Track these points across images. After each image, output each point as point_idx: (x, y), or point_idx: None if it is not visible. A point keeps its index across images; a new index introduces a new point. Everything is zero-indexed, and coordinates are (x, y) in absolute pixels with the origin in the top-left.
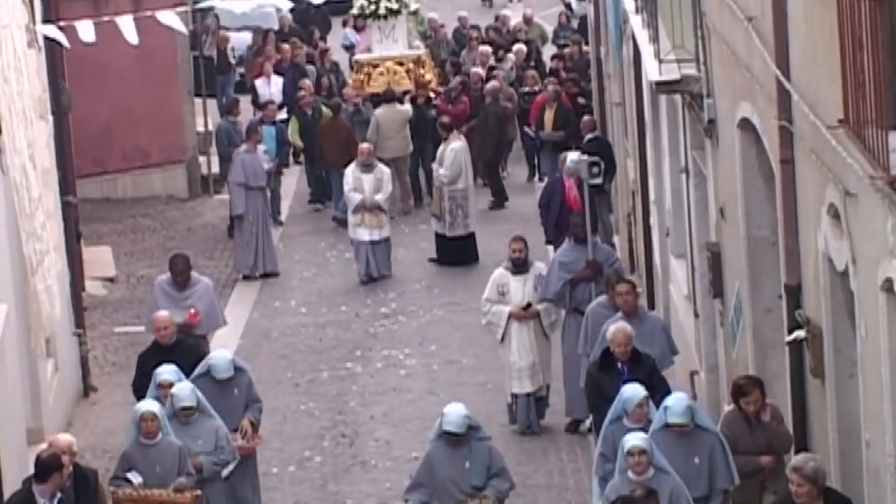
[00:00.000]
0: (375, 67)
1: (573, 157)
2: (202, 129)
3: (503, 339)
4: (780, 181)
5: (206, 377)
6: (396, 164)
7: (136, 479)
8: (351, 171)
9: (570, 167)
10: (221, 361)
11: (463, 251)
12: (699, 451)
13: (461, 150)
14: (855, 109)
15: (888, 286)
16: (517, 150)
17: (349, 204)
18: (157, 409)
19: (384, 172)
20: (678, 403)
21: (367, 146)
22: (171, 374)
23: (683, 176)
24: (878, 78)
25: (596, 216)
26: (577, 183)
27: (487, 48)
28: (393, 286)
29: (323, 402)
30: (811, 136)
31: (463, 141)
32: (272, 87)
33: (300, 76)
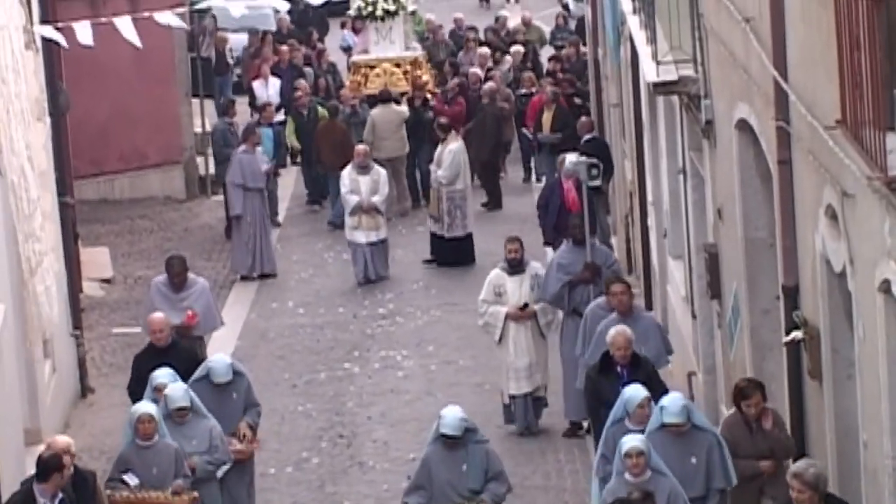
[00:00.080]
0: (372, 69)
1: (572, 158)
2: (199, 130)
3: (500, 339)
4: (777, 182)
5: (204, 381)
6: (393, 164)
7: (132, 481)
8: (347, 173)
9: (568, 169)
10: (220, 365)
11: (460, 252)
12: (696, 450)
13: (459, 150)
14: (852, 110)
15: (886, 287)
16: (515, 150)
17: (346, 206)
18: (154, 410)
19: (381, 174)
20: (674, 403)
21: (363, 148)
22: (166, 377)
23: (681, 177)
24: (875, 78)
25: (594, 218)
26: (575, 184)
27: (486, 49)
28: (390, 287)
29: (320, 403)
30: (809, 136)
31: (460, 142)
32: (269, 89)
33: (298, 78)
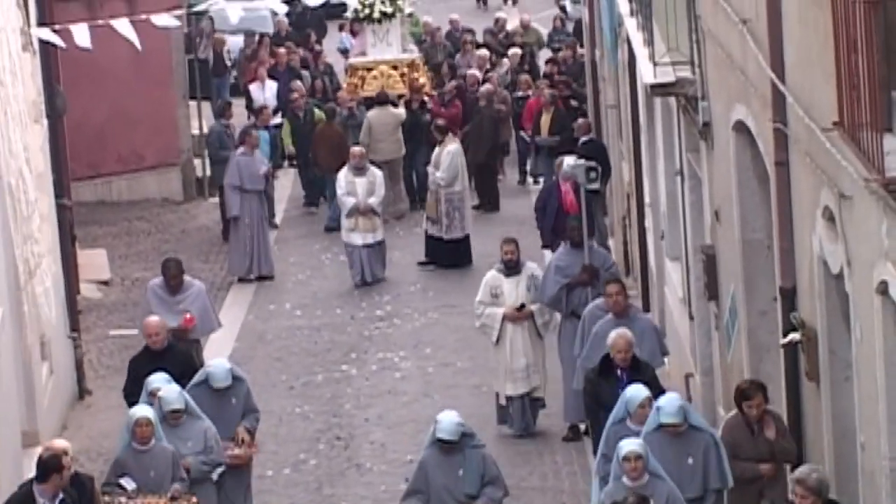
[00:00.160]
0: (369, 71)
1: (570, 161)
2: (197, 132)
3: (498, 340)
4: (774, 184)
5: (203, 385)
6: (389, 166)
7: (129, 485)
8: (343, 174)
9: (567, 171)
10: (220, 370)
11: (458, 253)
12: (693, 451)
13: (457, 152)
14: (849, 112)
15: (883, 289)
16: (513, 153)
17: (343, 208)
18: (151, 414)
19: (377, 175)
20: (670, 403)
21: (359, 150)
22: (162, 381)
23: (678, 178)
24: (872, 80)
25: (592, 220)
26: (573, 187)
27: (485, 51)
28: (388, 289)
29: (318, 404)
30: (806, 138)
31: (458, 143)
32: (266, 91)
33: (294, 80)
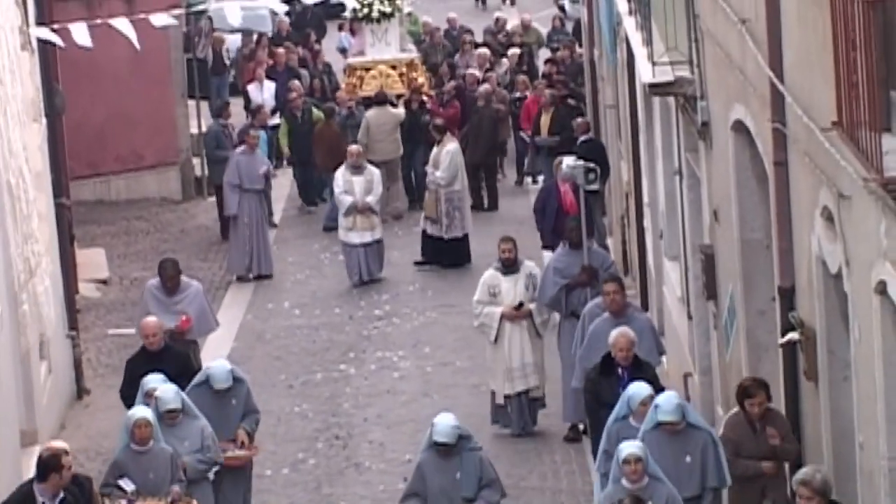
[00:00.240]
0: (368, 71)
1: (569, 162)
2: (196, 131)
3: (496, 339)
4: (773, 183)
5: (204, 386)
6: (387, 166)
7: (128, 486)
8: (341, 173)
9: (566, 173)
10: (220, 372)
11: (458, 252)
12: (691, 449)
13: (456, 151)
14: (848, 111)
15: (882, 288)
16: (511, 152)
17: (340, 207)
18: (150, 415)
19: (374, 174)
20: (668, 402)
21: (356, 148)
22: (158, 382)
23: (677, 178)
24: (871, 80)
25: (592, 220)
26: (572, 187)
27: (485, 50)
28: (386, 288)
29: (316, 404)
30: (805, 138)
31: (456, 143)
32: (265, 92)
33: (293, 80)
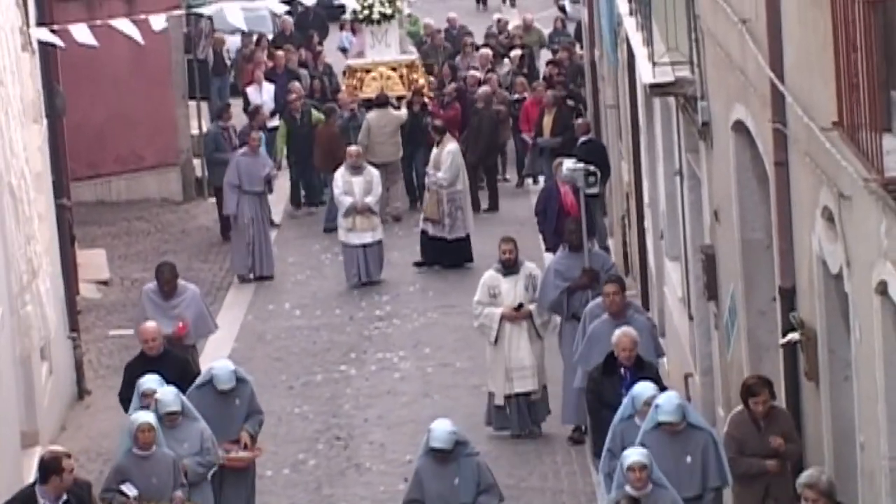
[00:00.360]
0: (368, 72)
1: (569, 164)
2: (196, 132)
3: (496, 340)
4: (774, 183)
5: (207, 387)
6: (387, 169)
7: (131, 491)
8: (340, 174)
9: (565, 175)
10: (223, 372)
11: (460, 252)
12: (691, 449)
13: (457, 151)
14: (849, 112)
15: (882, 289)
16: (512, 154)
17: (340, 207)
18: (153, 419)
19: (374, 175)
20: (669, 402)
21: (355, 149)
22: (154, 382)
23: (678, 178)
24: (871, 80)
25: (593, 223)
26: (572, 189)
27: (488, 51)
28: (387, 289)
29: (317, 404)
30: (805, 138)
31: (456, 143)
32: (264, 94)
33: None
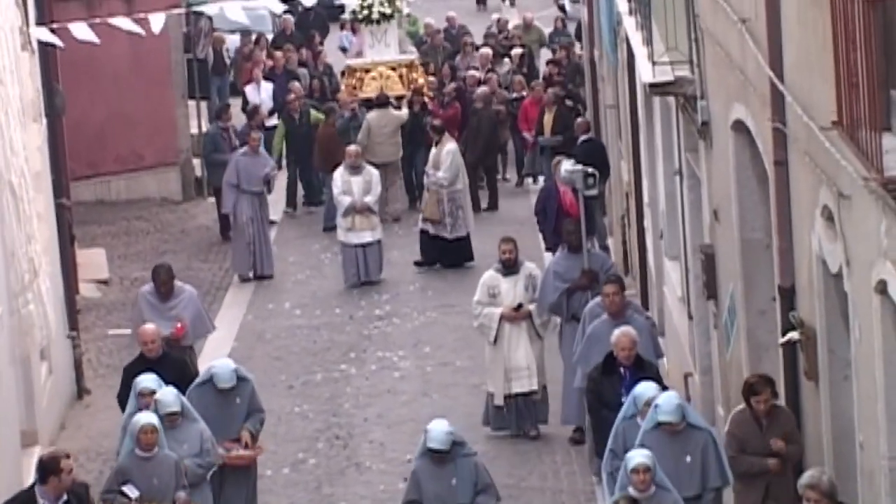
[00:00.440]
0: (368, 72)
1: (567, 166)
2: (196, 131)
3: (496, 340)
4: (773, 183)
5: (207, 385)
6: (386, 169)
7: (133, 493)
8: (339, 174)
9: (564, 177)
10: (224, 371)
11: (461, 252)
12: (691, 449)
13: (456, 151)
14: (848, 111)
15: (882, 288)
16: (511, 153)
17: (339, 207)
18: (156, 421)
19: (373, 174)
20: (668, 402)
21: (354, 149)
22: (151, 382)
23: (677, 178)
24: (871, 79)
25: (592, 223)
26: (571, 189)
27: (487, 51)
28: (386, 288)
29: (317, 404)
30: (805, 137)
31: (454, 142)
32: (262, 93)
33: (292, 81)
